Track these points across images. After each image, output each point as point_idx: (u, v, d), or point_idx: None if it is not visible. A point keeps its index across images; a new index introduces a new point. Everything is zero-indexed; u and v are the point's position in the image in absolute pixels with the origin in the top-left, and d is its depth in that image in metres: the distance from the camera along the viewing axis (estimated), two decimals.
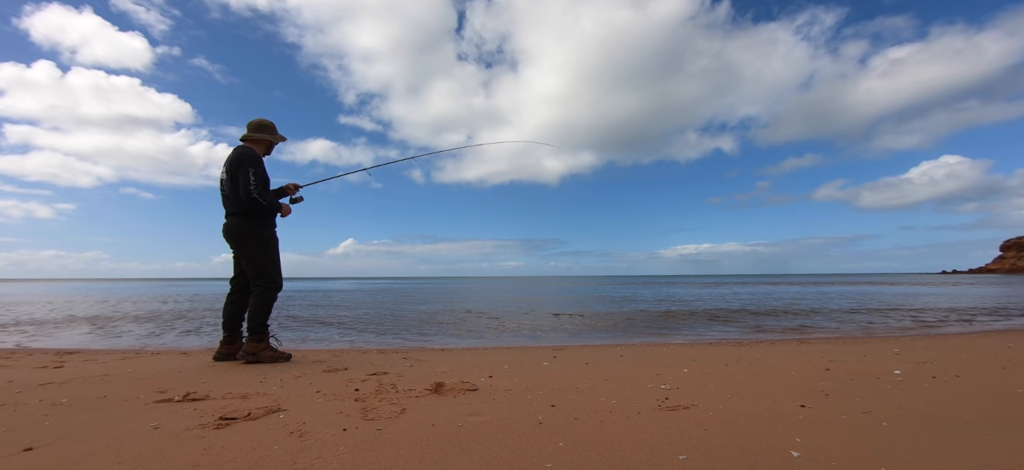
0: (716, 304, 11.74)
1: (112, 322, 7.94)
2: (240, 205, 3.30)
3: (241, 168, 3.25)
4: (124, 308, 11.26)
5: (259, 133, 3.51)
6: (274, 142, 3.62)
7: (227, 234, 3.43)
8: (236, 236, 3.39)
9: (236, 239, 3.40)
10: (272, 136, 3.57)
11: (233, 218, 3.38)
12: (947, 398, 2.28)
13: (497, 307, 11.30)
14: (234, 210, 3.37)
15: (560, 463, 1.48)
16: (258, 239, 3.37)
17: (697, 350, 4.32)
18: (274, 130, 3.60)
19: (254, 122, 3.54)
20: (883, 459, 1.50)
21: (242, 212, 3.34)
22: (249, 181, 3.22)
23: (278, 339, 3.64)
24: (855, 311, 9.49)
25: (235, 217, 3.37)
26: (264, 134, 3.52)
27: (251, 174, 3.24)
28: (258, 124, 3.53)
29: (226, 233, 3.43)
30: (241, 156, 3.30)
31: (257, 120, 3.55)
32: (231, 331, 3.57)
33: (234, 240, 3.42)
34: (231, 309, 3.57)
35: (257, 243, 3.37)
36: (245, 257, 3.41)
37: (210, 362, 3.52)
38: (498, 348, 4.74)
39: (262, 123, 3.55)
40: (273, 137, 3.58)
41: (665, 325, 7.25)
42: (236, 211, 3.36)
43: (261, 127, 3.53)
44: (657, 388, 2.54)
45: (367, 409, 2.11)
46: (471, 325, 7.32)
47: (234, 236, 3.40)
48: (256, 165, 3.30)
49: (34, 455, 1.58)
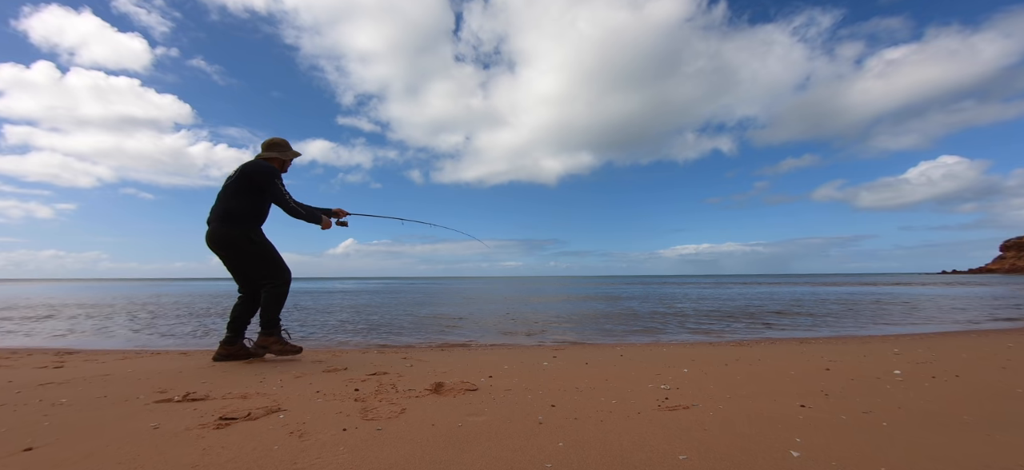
0: (716, 304, 11.75)
1: (112, 322, 7.94)
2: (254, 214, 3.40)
3: (269, 182, 3.36)
4: (124, 308, 11.26)
5: (273, 151, 3.60)
6: (288, 158, 3.69)
7: (213, 242, 3.38)
8: (225, 244, 3.36)
9: (225, 247, 3.38)
10: (285, 153, 3.65)
11: (222, 228, 3.34)
12: (947, 398, 2.28)
13: (496, 307, 11.30)
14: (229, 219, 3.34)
15: (560, 463, 1.48)
16: (251, 244, 3.39)
17: (697, 350, 4.32)
18: (288, 147, 3.68)
19: (268, 140, 3.63)
20: (883, 459, 1.50)
21: (236, 220, 3.34)
22: (285, 194, 3.38)
23: (289, 334, 3.66)
24: (855, 311, 9.50)
25: (224, 227, 3.35)
26: (277, 152, 3.61)
27: (283, 187, 3.40)
28: (272, 143, 3.61)
29: (211, 241, 3.38)
30: (269, 169, 3.39)
31: (271, 139, 3.64)
32: (234, 333, 3.57)
33: (223, 248, 3.38)
34: (239, 310, 3.56)
35: (251, 248, 3.39)
36: (243, 264, 3.43)
37: (210, 362, 3.52)
38: (498, 348, 4.74)
39: (276, 141, 3.62)
40: (287, 154, 3.66)
41: (665, 325, 7.25)
42: (230, 219, 3.34)
43: (275, 145, 3.61)
44: (657, 388, 2.54)
45: (367, 409, 2.11)
46: (471, 325, 7.32)
47: (223, 244, 3.37)
48: (279, 178, 3.43)
49: (34, 455, 1.58)
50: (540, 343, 5.26)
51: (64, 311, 10.37)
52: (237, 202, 3.34)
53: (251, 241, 3.38)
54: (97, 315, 9.33)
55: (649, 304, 11.96)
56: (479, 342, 5.38)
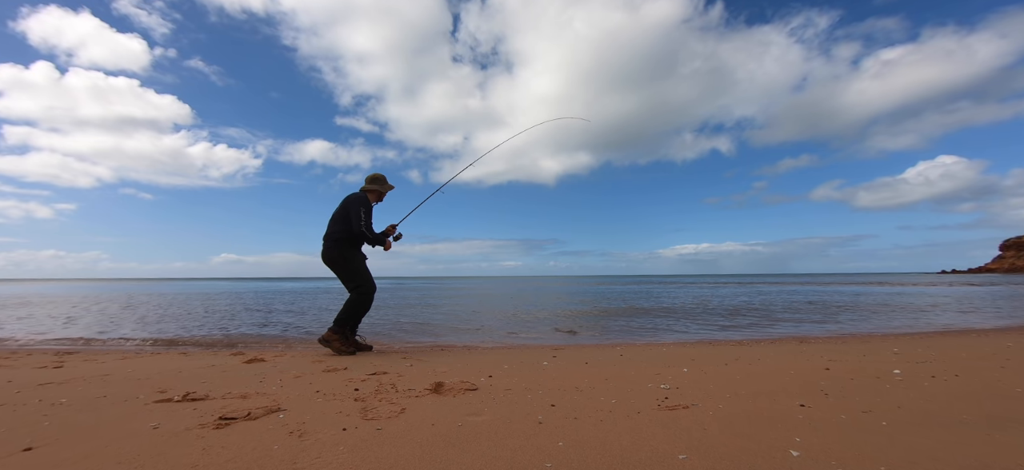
0: (715, 304, 11.75)
1: (111, 322, 7.94)
2: (346, 235, 4.07)
3: (354, 208, 4.06)
4: (123, 308, 11.26)
5: (372, 184, 4.31)
6: (384, 191, 4.38)
7: (323, 258, 4.18)
8: (327, 260, 4.14)
9: (328, 262, 4.15)
10: (382, 186, 4.36)
11: (327, 246, 4.11)
12: (946, 397, 2.29)
13: (497, 307, 11.31)
14: (331, 239, 4.08)
15: (560, 463, 1.48)
16: (344, 260, 4.11)
17: (697, 350, 4.32)
18: (384, 181, 4.39)
19: (370, 176, 4.35)
20: (883, 458, 1.50)
21: (336, 240, 4.06)
22: (360, 218, 4.05)
23: (362, 337, 4.31)
24: (854, 310, 9.50)
25: (328, 245, 4.10)
26: (375, 185, 4.31)
27: (362, 213, 4.06)
28: (371, 177, 4.34)
29: (322, 258, 4.19)
30: (358, 199, 4.12)
31: (373, 173, 4.37)
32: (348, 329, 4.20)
33: (327, 263, 4.16)
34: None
35: (344, 263, 4.11)
36: (341, 276, 4.14)
37: (210, 362, 3.52)
38: (498, 348, 4.74)
39: (374, 176, 4.35)
40: (383, 187, 4.36)
41: (665, 325, 7.25)
42: (332, 240, 4.07)
43: (374, 180, 4.33)
44: (657, 388, 2.54)
45: (367, 409, 2.11)
46: (471, 325, 7.32)
47: (326, 260, 4.15)
48: (367, 207, 4.11)
49: (34, 455, 1.58)
50: (540, 343, 5.26)
51: (63, 311, 10.36)
52: (337, 226, 4.10)
53: (345, 258, 4.10)
54: (96, 315, 9.33)
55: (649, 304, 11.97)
56: (479, 342, 5.38)
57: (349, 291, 4.10)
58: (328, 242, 4.12)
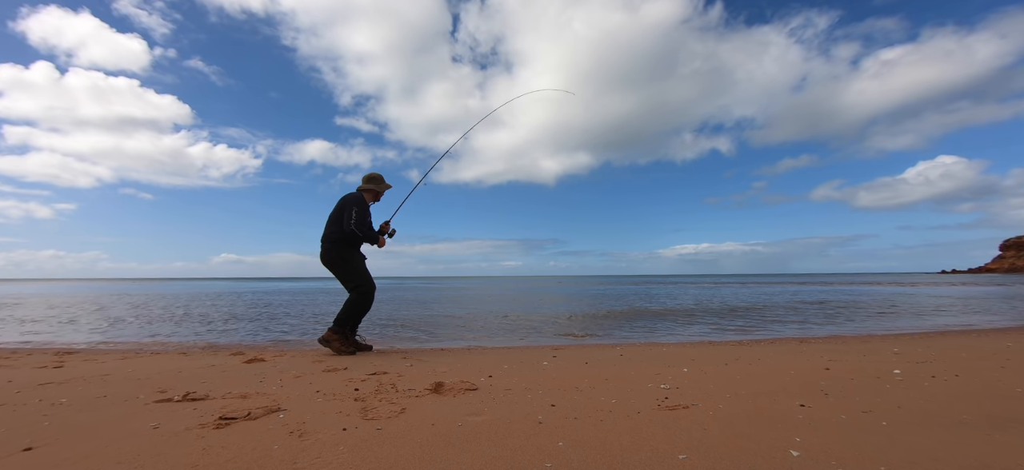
0: (715, 304, 11.75)
1: (112, 322, 7.94)
2: (341, 235, 4.02)
3: (347, 208, 4.04)
4: (124, 308, 11.26)
5: (369, 184, 4.30)
6: (381, 191, 4.36)
7: (321, 259, 4.17)
8: (325, 261, 4.13)
9: (326, 263, 4.13)
10: (379, 186, 4.34)
11: (325, 247, 4.10)
12: (946, 397, 2.29)
13: (497, 307, 11.31)
14: (328, 240, 4.06)
15: (560, 463, 1.48)
16: (342, 260, 4.09)
17: (697, 350, 4.32)
18: (381, 181, 4.38)
19: (366, 175, 4.33)
20: (883, 458, 1.50)
21: (333, 241, 4.03)
22: (351, 218, 4.02)
23: (362, 337, 4.31)
24: (854, 310, 9.50)
25: (325, 246, 4.09)
26: (372, 185, 4.30)
27: (354, 212, 4.04)
28: (367, 176, 4.33)
29: (321, 259, 4.18)
30: (353, 199, 4.11)
31: (369, 173, 4.36)
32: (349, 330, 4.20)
33: (325, 264, 4.15)
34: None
35: (343, 264, 4.09)
36: (340, 277, 4.12)
37: (210, 362, 3.52)
38: (498, 348, 4.73)
39: (372, 176, 4.34)
40: (379, 186, 4.34)
41: (665, 325, 7.25)
42: (329, 240, 4.05)
43: (371, 179, 4.32)
44: (657, 388, 2.54)
45: (367, 409, 2.11)
46: (471, 325, 7.32)
47: (324, 261, 4.14)
48: (360, 206, 4.08)
49: (34, 455, 1.58)
50: (540, 343, 5.26)
51: (64, 311, 10.36)
52: (333, 227, 4.07)
53: (343, 259, 4.08)
54: (96, 315, 9.33)
55: (649, 304, 11.97)
56: (479, 342, 5.38)
57: (348, 291, 4.08)
58: (325, 243, 4.11)
